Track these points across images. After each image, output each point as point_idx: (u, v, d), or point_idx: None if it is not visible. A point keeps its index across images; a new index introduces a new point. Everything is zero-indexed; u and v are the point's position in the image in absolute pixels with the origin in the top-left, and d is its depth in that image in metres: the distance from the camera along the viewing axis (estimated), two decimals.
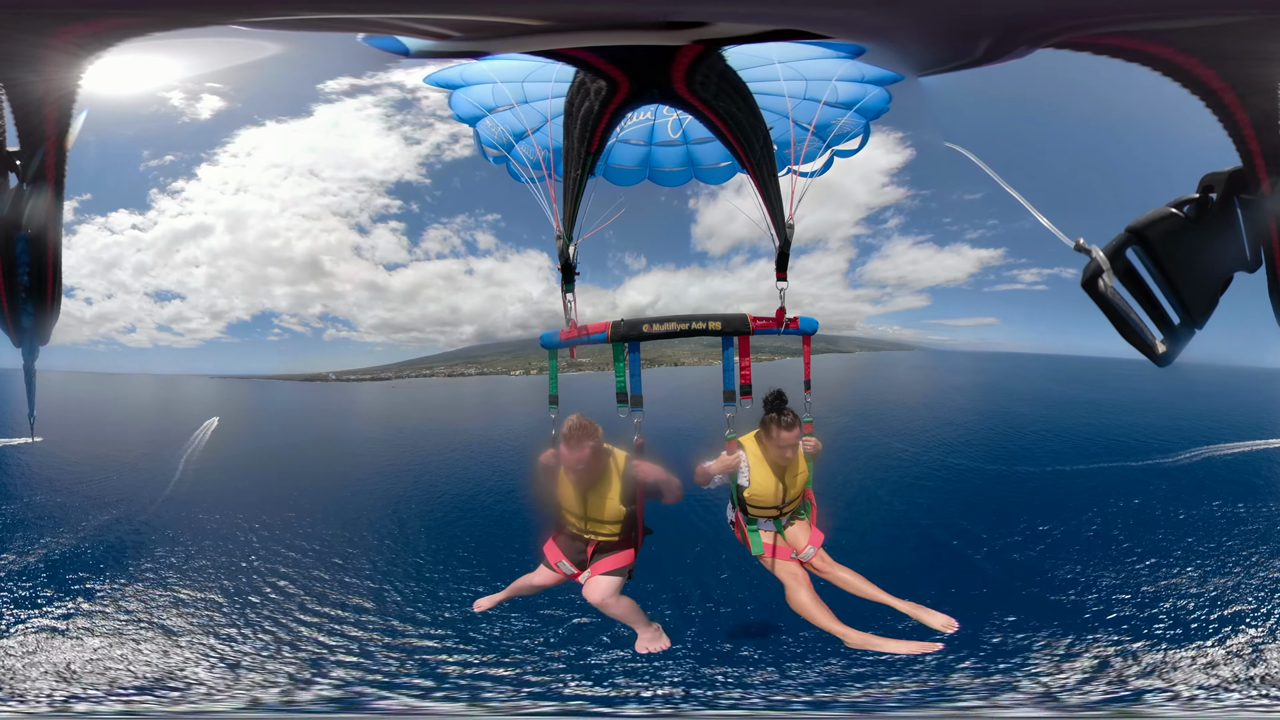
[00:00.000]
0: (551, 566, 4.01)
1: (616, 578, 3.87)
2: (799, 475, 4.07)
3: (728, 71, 3.13)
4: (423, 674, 7.56)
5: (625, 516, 3.84)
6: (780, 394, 3.96)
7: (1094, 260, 2.17)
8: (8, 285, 2.29)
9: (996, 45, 2.36)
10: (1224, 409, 20.86)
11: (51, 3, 2.15)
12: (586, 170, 3.45)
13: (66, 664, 7.48)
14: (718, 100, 3.14)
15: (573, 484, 3.82)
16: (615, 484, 3.79)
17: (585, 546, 3.92)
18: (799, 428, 3.92)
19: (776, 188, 3.66)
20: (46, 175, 2.25)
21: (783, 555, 4.03)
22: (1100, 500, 13.13)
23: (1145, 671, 7.30)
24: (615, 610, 3.89)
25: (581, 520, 3.88)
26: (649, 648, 4.04)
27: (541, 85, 3.82)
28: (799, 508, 4.20)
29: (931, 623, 3.62)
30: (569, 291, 3.63)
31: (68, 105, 2.26)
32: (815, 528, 4.17)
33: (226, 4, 2.46)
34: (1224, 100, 1.98)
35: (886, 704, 6.64)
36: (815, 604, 3.82)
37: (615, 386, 3.64)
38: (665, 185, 4.81)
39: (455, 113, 4.22)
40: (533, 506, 4.17)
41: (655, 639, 4.06)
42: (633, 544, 3.93)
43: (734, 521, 4.20)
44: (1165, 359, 2.21)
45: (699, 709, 6.84)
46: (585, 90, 3.18)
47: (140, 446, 19.14)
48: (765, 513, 4.07)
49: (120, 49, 2.36)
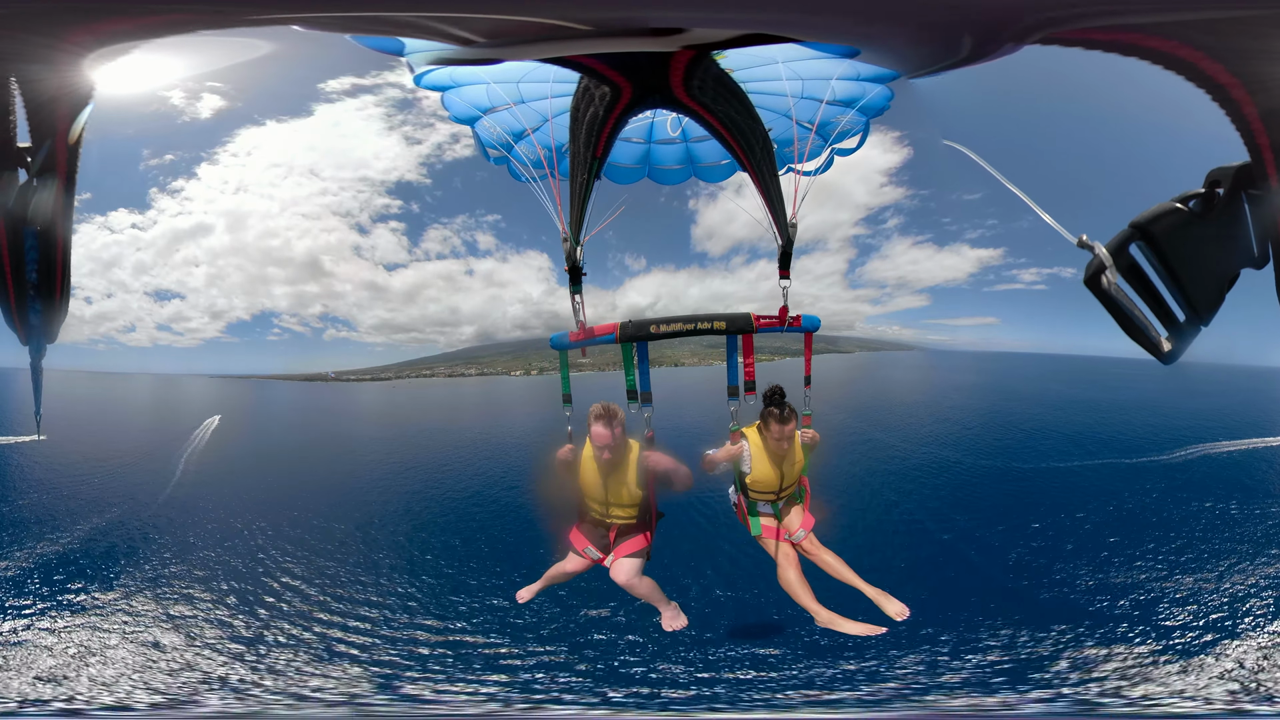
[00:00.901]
0: (579, 553, 4.32)
1: (638, 559, 4.20)
2: (796, 464, 4.41)
3: (722, 75, 3.21)
4: None
5: (641, 500, 4.18)
6: (778, 390, 4.24)
7: (1097, 257, 2.14)
8: (15, 282, 2.27)
9: (980, 43, 2.33)
10: (1224, 408, 20.88)
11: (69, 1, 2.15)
12: (593, 175, 3.52)
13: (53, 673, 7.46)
14: (716, 104, 3.20)
15: (596, 470, 4.12)
16: (632, 470, 4.10)
17: (607, 532, 4.26)
18: (794, 421, 4.21)
19: (778, 188, 3.73)
20: (57, 171, 2.23)
21: (779, 537, 4.43)
22: (1091, 496, 13.47)
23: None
24: (640, 590, 4.21)
25: (603, 505, 4.20)
26: (673, 625, 4.35)
27: (539, 85, 3.84)
28: (794, 493, 4.57)
29: (887, 609, 3.99)
30: (577, 293, 3.72)
31: (80, 102, 2.25)
32: (808, 512, 4.56)
33: (235, 3, 2.45)
34: (1232, 95, 1.95)
35: (888, 704, 6.69)
36: (799, 583, 4.23)
37: (625, 384, 3.93)
38: (664, 183, 4.81)
39: (451, 114, 4.24)
40: (546, 502, 4.48)
41: (675, 617, 4.37)
42: (648, 527, 4.27)
43: (736, 504, 4.59)
44: (1170, 357, 2.18)
45: (701, 709, 6.88)
46: (590, 96, 3.23)
47: (141, 446, 19.11)
48: (764, 496, 4.46)
49: (130, 47, 2.36)
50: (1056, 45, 2.19)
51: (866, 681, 7.43)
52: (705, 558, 10.05)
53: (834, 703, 6.88)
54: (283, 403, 35.68)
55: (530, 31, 2.13)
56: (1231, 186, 2.08)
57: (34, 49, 2.16)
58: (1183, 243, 2.11)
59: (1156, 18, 1.98)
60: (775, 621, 8.49)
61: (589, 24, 2.11)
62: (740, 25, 2.26)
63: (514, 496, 14.11)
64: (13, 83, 2.12)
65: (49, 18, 2.15)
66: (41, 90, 2.18)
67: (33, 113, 2.19)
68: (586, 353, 3.96)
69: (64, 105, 2.24)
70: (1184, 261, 2.11)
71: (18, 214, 2.24)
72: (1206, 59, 1.96)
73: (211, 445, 20.00)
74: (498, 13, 2.05)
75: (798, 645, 8.04)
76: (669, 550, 8.69)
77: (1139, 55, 2.02)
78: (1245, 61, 1.94)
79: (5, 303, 2.40)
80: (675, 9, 2.16)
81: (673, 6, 2.15)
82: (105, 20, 2.24)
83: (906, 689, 7.27)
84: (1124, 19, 2.03)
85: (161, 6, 2.34)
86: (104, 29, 2.26)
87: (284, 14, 2.37)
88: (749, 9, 2.12)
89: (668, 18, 2.24)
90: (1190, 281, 2.12)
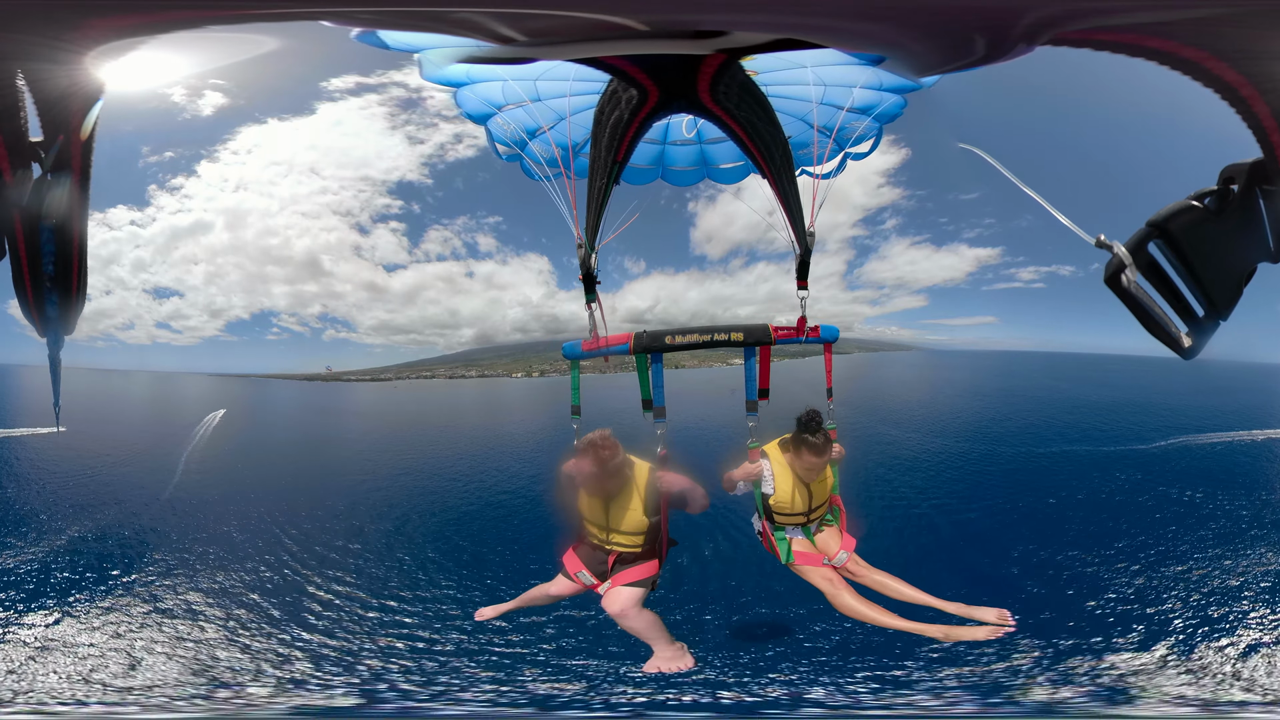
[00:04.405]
0: (570, 576, 3.90)
1: (639, 589, 3.73)
2: (824, 482, 3.98)
3: (747, 81, 3.20)
4: None
5: (648, 528, 3.77)
6: (815, 415, 3.82)
7: (1116, 256, 2.16)
8: (33, 275, 2.30)
9: (994, 43, 2.35)
10: (1224, 406, 20.98)
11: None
12: (612, 180, 3.43)
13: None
14: (739, 110, 3.17)
15: (594, 495, 3.78)
16: (637, 496, 3.72)
17: (606, 557, 3.83)
18: (829, 452, 3.80)
19: (796, 196, 3.63)
20: (72, 165, 2.26)
21: (814, 562, 3.89)
22: (1067, 480, 13.96)
23: None
24: (634, 624, 3.70)
25: (603, 531, 3.80)
26: (663, 667, 3.75)
27: (557, 84, 3.82)
28: (827, 514, 4.11)
29: (985, 618, 3.49)
30: (592, 301, 3.57)
31: (92, 97, 2.27)
32: (846, 533, 4.06)
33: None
34: (1242, 94, 1.98)
35: (892, 705, 6.69)
36: (863, 603, 3.68)
37: (640, 395, 3.79)
38: (677, 184, 4.78)
39: (463, 110, 4.15)
40: (554, 510, 4.13)
41: (677, 658, 3.80)
42: (656, 555, 3.84)
43: (761, 531, 4.09)
44: (1191, 352, 2.20)
45: (703, 712, 6.84)
46: (616, 100, 3.20)
47: (142, 442, 19.17)
48: (792, 519, 3.97)
49: (140, 42, 2.37)
50: (1066, 46, 2.21)
51: None
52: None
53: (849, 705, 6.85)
54: (284, 402, 35.62)
55: (582, 31, 2.14)
56: (1246, 183, 2.11)
57: (41, 45, 2.17)
58: (1200, 240, 2.14)
59: (1149, 17, 2.00)
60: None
61: (646, 24, 2.12)
62: (783, 30, 2.28)
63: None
64: (19, 79, 2.13)
65: (55, 14, 2.16)
66: (51, 87, 2.19)
67: (44, 109, 2.21)
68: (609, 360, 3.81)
69: (75, 101, 2.26)
70: (1202, 258, 2.13)
71: (33, 209, 2.27)
72: (1211, 58, 1.98)
73: (214, 441, 20.11)
74: (561, 9, 2.05)
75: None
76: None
77: (1145, 56, 2.04)
78: (1251, 61, 1.96)
79: (23, 296, 2.43)
80: (726, 12, 2.18)
81: (723, 10, 2.16)
82: (115, 16, 2.25)
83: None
84: (1118, 19, 2.05)
85: (180, 1, 2.35)
86: (114, 24, 2.26)
87: (316, 9, 2.37)
88: (793, 13, 2.13)
89: (717, 20, 2.26)
90: (1208, 278, 2.14)
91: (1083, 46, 2.17)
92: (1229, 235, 2.10)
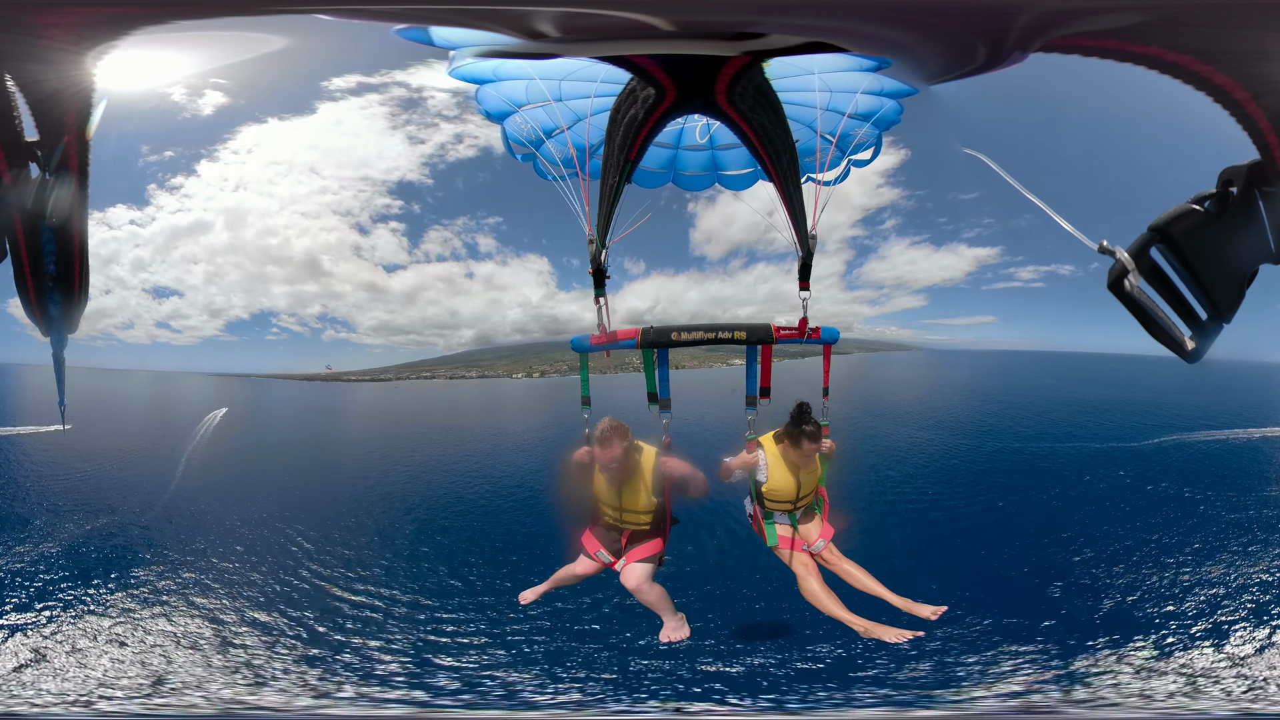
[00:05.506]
0: (590, 556, 4.33)
1: (649, 564, 4.19)
2: (813, 474, 4.40)
3: (764, 85, 3.27)
4: None
5: (656, 507, 4.18)
6: (805, 407, 4.24)
7: (1119, 261, 2.18)
8: (34, 275, 2.30)
9: (993, 51, 2.37)
10: (1223, 405, 21.00)
11: None
12: (624, 177, 3.53)
13: None
14: (753, 113, 3.23)
15: (607, 479, 4.17)
16: (646, 478, 4.12)
17: (620, 536, 4.30)
18: (819, 442, 4.20)
19: (801, 200, 3.76)
20: (70, 165, 2.26)
21: (796, 547, 4.34)
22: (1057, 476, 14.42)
23: None
24: (648, 596, 4.18)
25: (616, 511, 4.23)
26: (670, 637, 4.27)
27: (582, 84, 3.85)
28: (812, 503, 4.52)
29: (920, 613, 3.91)
30: (601, 296, 3.76)
31: (87, 96, 2.26)
32: (826, 522, 4.50)
33: None
34: (1235, 97, 1.99)
35: (892, 702, 6.71)
36: (825, 593, 4.11)
37: (646, 388, 4.02)
38: (688, 189, 4.89)
39: (483, 107, 4.18)
40: (558, 503, 4.54)
41: (678, 629, 4.29)
42: (662, 533, 4.28)
43: (752, 515, 4.57)
44: (1195, 355, 2.22)
45: (702, 710, 6.88)
46: (634, 98, 3.26)
47: (142, 442, 19.20)
48: (781, 507, 4.41)
49: (128, 40, 2.36)
50: (1058, 53, 2.22)
51: None
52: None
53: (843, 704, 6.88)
54: (285, 401, 35.68)
55: (612, 29, 2.15)
56: (1245, 185, 2.13)
57: (22, 46, 2.16)
58: (1201, 243, 2.15)
59: (1112, 22, 1.99)
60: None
61: (674, 25, 2.14)
62: (813, 33, 2.30)
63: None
64: (8, 80, 2.13)
65: (30, 12, 2.15)
66: (44, 87, 2.19)
67: (39, 110, 2.21)
68: (611, 355, 3.99)
69: (70, 101, 2.26)
70: (1203, 261, 2.15)
71: (34, 209, 2.27)
72: (1196, 61, 2.00)
73: (217, 436, 20.20)
74: (599, 8, 2.06)
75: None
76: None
77: (1133, 60, 2.06)
78: (1242, 64, 1.97)
79: (25, 296, 2.45)
80: (761, 13, 2.19)
81: (754, 11, 2.18)
82: (93, 8, 2.24)
83: None
84: (1097, 24, 2.05)
85: None
86: (85, 17, 2.25)
87: (347, 4, 2.37)
88: (824, 17, 2.15)
89: (748, 22, 2.27)
90: (1210, 281, 2.16)
91: (1072, 53, 2.18)
92: (1229, 238, 2.11)
